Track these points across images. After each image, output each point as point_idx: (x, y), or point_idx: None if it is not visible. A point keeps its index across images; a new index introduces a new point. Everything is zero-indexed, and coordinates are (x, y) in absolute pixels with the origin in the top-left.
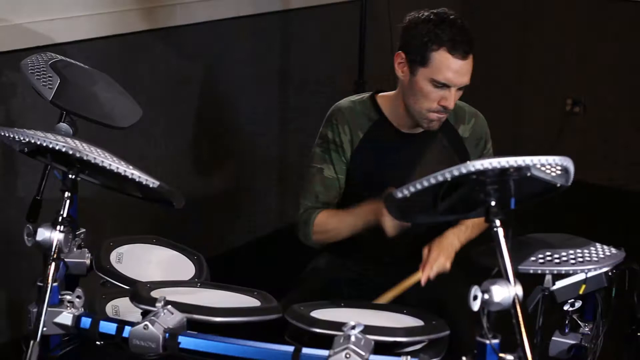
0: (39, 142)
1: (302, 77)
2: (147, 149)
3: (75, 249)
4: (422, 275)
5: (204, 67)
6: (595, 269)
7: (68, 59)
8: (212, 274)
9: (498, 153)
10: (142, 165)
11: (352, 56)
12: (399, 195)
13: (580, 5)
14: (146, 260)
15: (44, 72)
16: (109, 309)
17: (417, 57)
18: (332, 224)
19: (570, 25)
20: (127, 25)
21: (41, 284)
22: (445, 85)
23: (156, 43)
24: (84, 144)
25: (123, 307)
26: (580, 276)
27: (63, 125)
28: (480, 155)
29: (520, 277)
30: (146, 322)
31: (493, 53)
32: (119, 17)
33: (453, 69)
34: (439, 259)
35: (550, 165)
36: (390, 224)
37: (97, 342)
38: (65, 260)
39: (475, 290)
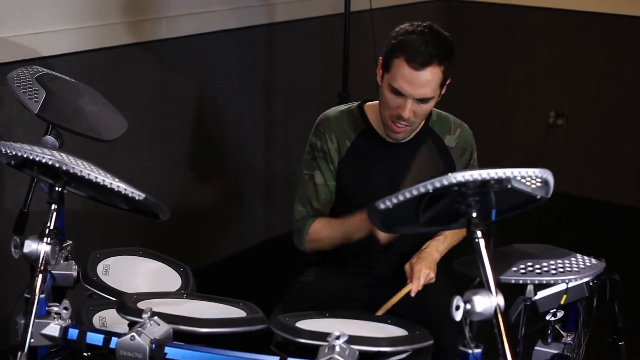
0: (25, 155)
1: (287, 89)
2: (132, 162)
3: (62, 261)
4: (412, 287)
5: (189, 80)
6: (576, 279)
7: (54, 72)
8: (198, 285)
9: (481, 165)
10: (128, 178)
11: (336, 68)
12: (382, 206)
13: (563, 18)
14: (133, 272)
15: (30, 86)
16: (96, 320)
17: (385, 63)
18: (325, 233)
19: (553, 37)
20: (113, 38)
21: (28, 296)
22: (400, 94)
23: (142, 56)
24: (70, 157)
25: (110, 318)
26: (562, 286)
27: (49, 138)
28: (467, 165)
29: (502, 287)
30: (133, 333)
31: (476, 65)
32: (104, 31)
33: (407, 78)
34: (423, 270)
35: (530, 178)
36: (382, 233)
37: (84, 354)
38: (53, 272)
39: (458, 300)
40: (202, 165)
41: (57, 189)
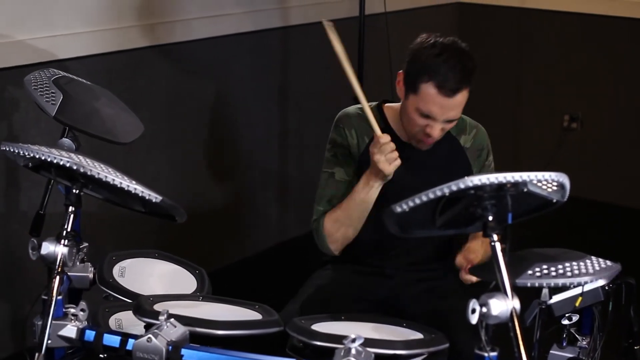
0: (43, 158)
1: (301, 93)
2: (147, 164)
3: (78, 263)
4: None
5: (204, 83)
6: (591, 281)
7: (71, 75)
8: (213, 288)
9: (496, 168)
10: (143, 180)
11: None
12: (398, 209)
13: (577, 21)
14: (148, 275)
15: (47, 88)
16: (112, 322)
17: (410, 83)
18: (339, 215)
19: (567, 41)
20: (129, 41)
21: (46, 298)
22: (430, 117)
23: (157, 59)
24: (87, 159)
25: (126, 320)
26: (577, 290)
27: (66, 141)
28: (482, 167)
29: (517, 291)
30: (149, 335)
31: (491, 69)
32: (120, 34)
33: (438, 104)
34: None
35: (546, 181)
36: (387, 168)
37: (101, 355)
38: (69, 274)
39: (474, 303)
40: (217, 168)
41: (74, 191)
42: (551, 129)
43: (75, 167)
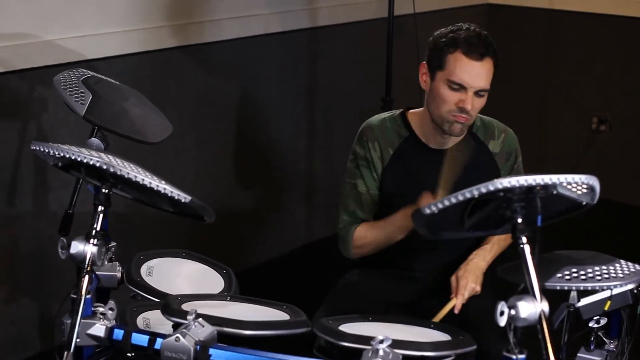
0: (73, 157)
1: (329, 94)
2: (175, 164)
3: (106, 262)
4: (457, 302)
5: (233, 84)
6: (620, 285)
7: (100, 75)
8: (239, 288)
9: (525, 170)
10: (171, 181)
11: (379, 73)
12: (427, 211)
13: (606, 23)
14: (176, 274)
15: (76, 88)
16: (140, 321)
17: (436, 62)
18: (370, 237)
19: (596, 43)
20: (157, 41)
21: (75, 296)
22: (461, 87)
23: (186, 60)
24: (117, 159)
25: (154, 319)
26: (606, 293)
27: (95, 140)
28: (511, 170)
29: (545, 293)
30: (178, 335)
31: (518, 70)
32: (149, 34)
33: (468, 70)
34: (468, 284)
35: (576, 184)
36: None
37: (128, 354)
38: (97, 273)
39: (502, 306)
40: (244, 169)
41: (103, 190)
42: (579, 131)
43: (105, 167)
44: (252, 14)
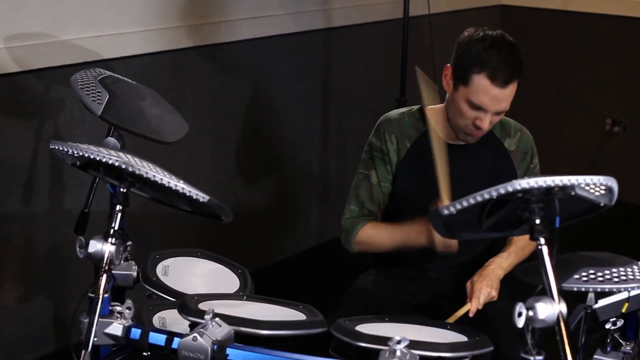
0: (92, 157)
1: (344, 94)
2: (190, 164)
3: (122, 262)
4: (471, 307)
5: (248, 84)
6: (638, 287)
7: (116, 75)
8: (254, 287)
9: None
10: (186, 180)
11: (394, 73)
12: (445, 212)
13: (620, 24)
14: (191, 273)
15: (93, 88)
16: (156, 320)
17: (460, 75)
18: (377, 238)
19: (611, 44)
20: (174, 41)
21: (92, 295)
22: (480, 108)
23: (201, 60)
24: (135, 159)
25: (170, 319)
26: (623, 295)
27: (111, 140)
28: (527, 170)
29: (562, 294)
30: (195, 334)
31: (533, 71)
32: (165, 34)
33: (490, 95)
34: (484, 289)
35: (594, 185)
36: (440, 242)
37: (145, 353)
38: (113, 272)
39: (520, 307)
40: (258, 169)
41: (121, 189)
42: (593, 133)
43: (124, 167)
44: (267, 14)
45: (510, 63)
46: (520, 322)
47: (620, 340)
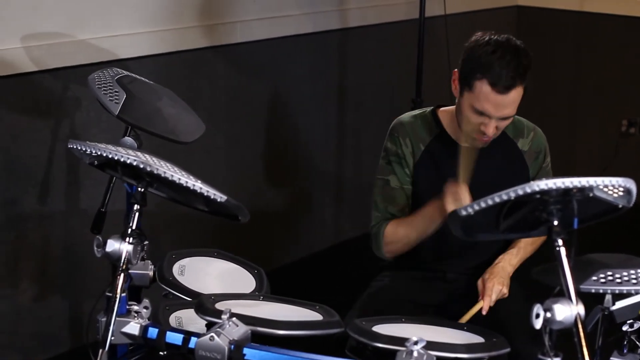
0: (110, 156)
1: (359, 95)
2: (206, 164)
3: (139, 261)
4: (484, 304)
5: (263, 84)
6: None
7: (133, 75)
8: (271, 288)
9: (553, 173)
10: (203, 180)
11: (409, 74)
12: (463, 213)
13: (636, 25)
14: (207, 273)
15: (111, 87)
16: (172, 320)
17: (464, 80)
18: (401, 232)
19: (626, 45)
20: (189, 41)
21: (110, 294)
22: (484, 114)
23: (217, 60)
24: (153, 158)
25: (186, 318)
26: None
27: (128, 139)
28: (540, 169)
29: (579, 296)
30: (212, 334)
31: (547, 72)
32: (181, 34)
33: (492, 101)
34: (495, 286)
35: (613, 187)
36: (451, 199)
37: (161, 352)
38: (130, 271)
39: (538, 308)
40: (274, 169)
41: (139, 189)
42: (609, 134)
43: (142, 166)
44: (283, 14)
45: (513, 69)
46: (538, 324)
47: (637, 343)
